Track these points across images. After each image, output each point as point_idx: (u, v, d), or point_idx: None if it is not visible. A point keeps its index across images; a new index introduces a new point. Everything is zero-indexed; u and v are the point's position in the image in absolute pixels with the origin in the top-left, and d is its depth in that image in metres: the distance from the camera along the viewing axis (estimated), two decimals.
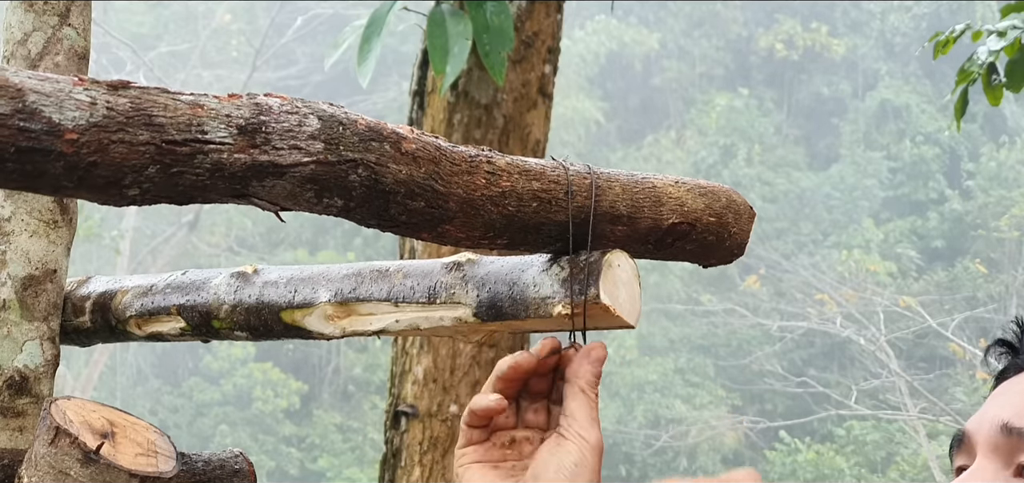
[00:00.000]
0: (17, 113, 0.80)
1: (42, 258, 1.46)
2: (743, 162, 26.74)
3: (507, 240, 1.09)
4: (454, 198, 1.03)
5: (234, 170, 0.90)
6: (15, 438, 1.43)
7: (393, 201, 0.99)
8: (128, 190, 0.87)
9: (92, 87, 0.84)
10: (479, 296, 1.15)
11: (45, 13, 1.47)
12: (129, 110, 0.85)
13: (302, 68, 27.76)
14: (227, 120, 0.89)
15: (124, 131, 0.84)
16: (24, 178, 0.83)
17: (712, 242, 1.18)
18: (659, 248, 1.16)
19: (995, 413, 1.13)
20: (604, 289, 1.08)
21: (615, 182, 1.12)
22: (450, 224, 1.05)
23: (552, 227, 1.09)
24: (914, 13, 28.33)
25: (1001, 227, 23.10)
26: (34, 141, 0.81)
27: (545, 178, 1.08)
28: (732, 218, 1.18)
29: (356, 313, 1.23)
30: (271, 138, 0.91)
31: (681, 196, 1.15)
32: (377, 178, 0.97)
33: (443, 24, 3.42)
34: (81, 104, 0.83)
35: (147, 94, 0.86)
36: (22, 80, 0.81)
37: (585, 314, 1.09)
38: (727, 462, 21.98)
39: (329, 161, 0.94)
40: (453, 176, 1.02)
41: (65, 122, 0.82)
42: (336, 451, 24.05)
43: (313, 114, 0.94)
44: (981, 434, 1.13)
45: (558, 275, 1.10)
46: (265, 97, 0.93)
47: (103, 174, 0.85)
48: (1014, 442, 1.10)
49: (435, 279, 1.18)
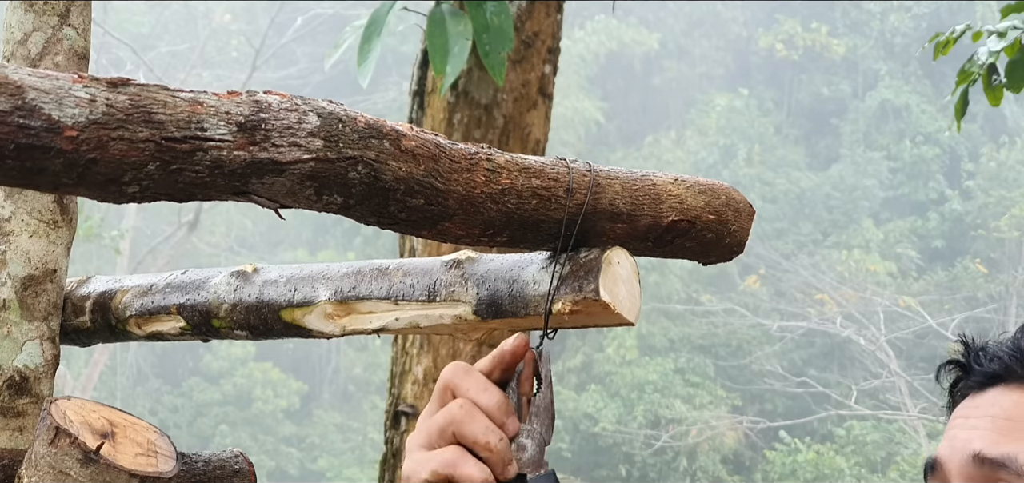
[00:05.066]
0: (17, 110, 0.80)
1: (42, 258, 1.46)
2: (743, 162, 26.74)
3: (507, 237, 1.09)
4: (454, 195, 1.02)
5: (234, 167, 0.90)
6: (15, 438, 1.43)
7: (393, 198, 0.99)
8: (128, 187, 0.87)
9: (92, 84, 0.84)
10: (479, 294, 1.14)
11: (45, 13, 1.47)
12: (129, 107, 0.85)
13: (302, 68, 27.77)
14: (227, 117, 0.89)
15: (124, 128, 0.84)
16: (23, 175, 0.83)
17: (711, 240, 1.17)
18: (659, 245, 1.16)
19: (965, 442, 1.12)
20: (604, 286, 1.07)
21: (614, 179, 1.12)
22: (450, 221, 1.04)
23: (552, 224, 1.09)
24: (914, 13, 28.33)
25: (1001, 227, 23.10)
26: (34, 138, 0.81)
27: (545, 175, 1.08)
28: (731, 215, 1.18)
29: (356, 311, 1.23)
30: (271, 135, 0.91)
31: (681, 194, 1.15)
32: (377, 175, 0.97)
33: (443, 24, 3.42)
34: (81, 101, 0.83)
35: (147, 91, 0.86)
36: (22, 77, 0.81)
37: (585, 311, 1.09)
38: (727, 462, 21.98)
39: (329, 158, 0.93)
40: (453, 173, 1.02)
41: (65, 119, 0.82)
42: (336, 451, 24.06)
43: (312, 111, 0.93)
44: (953, 463, 1.13)
45: (558, 272, 1.10)
46: (264, 94, 0.93)
47: (103, 171, 0.84)
48: (987, 473, 1.09)
49: (435, 277, 1.18)
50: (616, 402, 22.03)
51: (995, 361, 1.16)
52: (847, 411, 20.24)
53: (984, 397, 1.15)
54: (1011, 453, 1.08)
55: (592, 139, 27.30)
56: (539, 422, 1.09)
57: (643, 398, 21.95)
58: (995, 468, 1.09)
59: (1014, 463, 1.08)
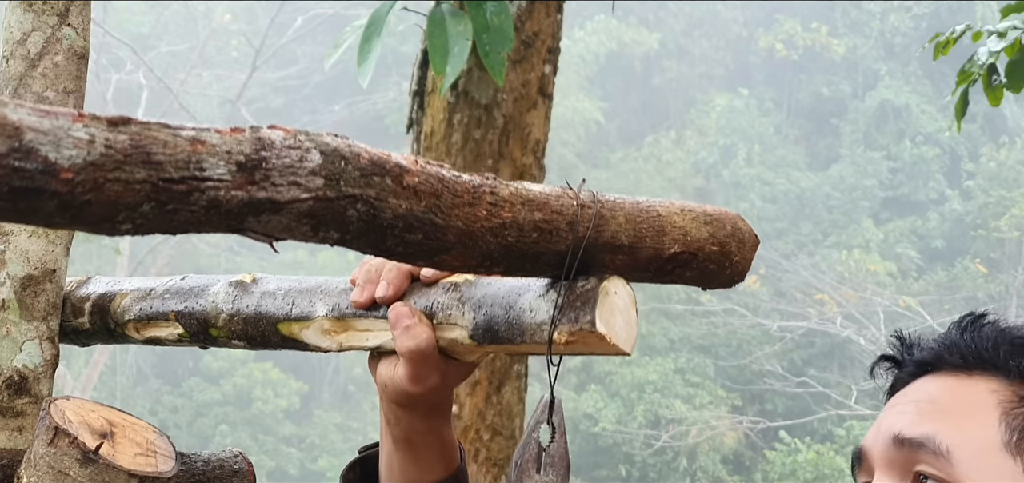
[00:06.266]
0: (13, 152, 0.78)
1: (41, 258, 1.46)
2: (743, 162, 26.75)
3: (504, 269, 1.08)
4: (453, 230, 1.01)
5: (230, 207, 0.88)
6: (14, 438, 1.43)
7: (391, 234, 0.98)
8: (121, 225, 0.85)
9: (92, 123, 0.82)
10: (475, 318, 1.14)
11: (44, 13, 1.47)
12: (128, 147, 0.83)
13: (302, 68, 27.77)
14: (227, 157, 0.87)
15: (121, 169, 0.82)
16: (15, 214, 0.81)
17: (713, 270, 1.17)
18: (659, 275, 1.15)
19: (888, 426, 1.11)
20: (601, 317, 1.07)
21: (619, 211, 1.11)
22: (447, 254, 1.03)
23: (551, 256, 1.08)
24: (914, 13, 28.33)
25: (1001, 227, 23.10)
26: (28, 180, 0.79)
27: (548, 208, 1.06)
28: (735, 247, 1.17)
29: (353, 329, 1.23)
30: (270, 175, 0.89)
31: (685, 225, 1.14)
32: (375, 213, 0.95)
33: (443, 24, 3.41)
34: (79, 142, 0.81)
35: (147, 130, 0.84)
36: (21, 117, 0.79)
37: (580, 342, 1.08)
38: (727, 462, 21.99)
39: (328, 197, 0.92)
40: (453, 209, 1.00)
41: (61, 161, 0.80)
42: (336, 451, 24.05)
43: (316, 148, 0.92)
44: (876, 449, 1.12)
45: (555, 301, 1.09)
46: (268, 130, 0.91)
47: (97, 211, 0.83)
48: (907, 454, 1.08)
49: (432, 299, 1.18)
50: (616, 402, 22.03)
51: (925, 351, 1.17)
52: (847, 411, 20.24)
53: (913, 386, 1.15)
54: (930, 432, 1.07)
55: (592, 139, 27.30)
56: (554, 472, 1.10)
57: (643, 398, 21.95)
58: (914, 448, 1.08)
59: (932, 442, 1.06)
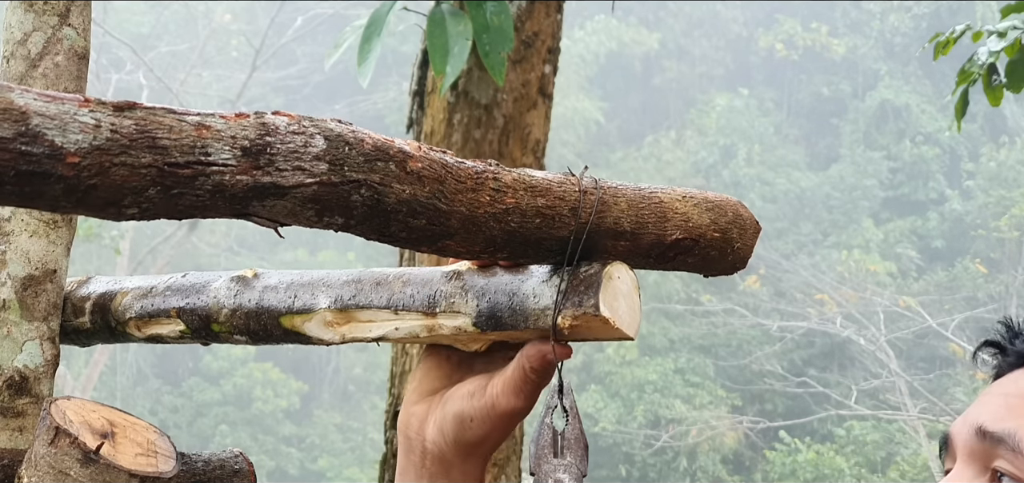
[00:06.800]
0: (20, 136, 0.79)
1: (42, 258, 1.46)
2: (743, 162, 26.75)
3: (507, 254, 1.09)
4: (456, 216, 1.02)
5: (235, 191, 0.89)
6: (15, 438, 1.43)
7: (394, 219, 0.99)
8: (127, 209, 0.86)
9: (98, 108, 0.83)
10: (479, 306, 1.14)
11: (45, 13, 1.47)
12: (133, 132, 0.84)
13: (302, 68, 27.77)
14: (232, 142, 0.89)
15: (127, 154, 0.84)
16: (21, 199, 0.82)
17: (715, 256, 1.18)
18: (661, 261, 1.16)
19: (974, 417, 1.12)
20: (604, 301, 1.08)
21: (621, 197, 1.12)
22: (451, 240, 1.04)
23: (554, 242, 1.09)
24: (914, 13, 28.34)
25: (1001, 227, 23.10)
26: (35, 165, 0.80)
27: (551, 194, 1.08)
28: (737, 233, 1.18)
29: (356, 320, 1.23)
30: (275, 160, 0.91)
31: (687, 212, 1.15)
32: (380, 198, 0.96)
33: (443, 24, 3.42)
34: (85, 126, 0.82)
35: (153, 115, 0.86)
36: (27, 101, 0.80)
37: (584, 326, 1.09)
38: (727, 462, 21.99)
39: (332, 182, 0.93)
40: (457, 194, 1.01)
41: (67, 145, 0.81)
42: (336, 451, 24.06)
43: (320, 134, 0.93)
44: (960, 437, 1.13)
45: (558, 286, 1.10)
46: (273, 116, 0.92)
47: (102, 195, 0.84)
48: (988, 447, 1.09)
49: (435, 288, 1.18)
50: (616, 402, 22.03)
51: None
52: (847, 411, 20.24)
53: (1009, 377, 1.15)
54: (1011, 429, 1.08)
55: (592, 139, 27.31)
56: (572, 455, 1.10)
57: (643, 398, 21.96)
58: (995, 442, 1.08)
59: (1012, 439, 1.07)
